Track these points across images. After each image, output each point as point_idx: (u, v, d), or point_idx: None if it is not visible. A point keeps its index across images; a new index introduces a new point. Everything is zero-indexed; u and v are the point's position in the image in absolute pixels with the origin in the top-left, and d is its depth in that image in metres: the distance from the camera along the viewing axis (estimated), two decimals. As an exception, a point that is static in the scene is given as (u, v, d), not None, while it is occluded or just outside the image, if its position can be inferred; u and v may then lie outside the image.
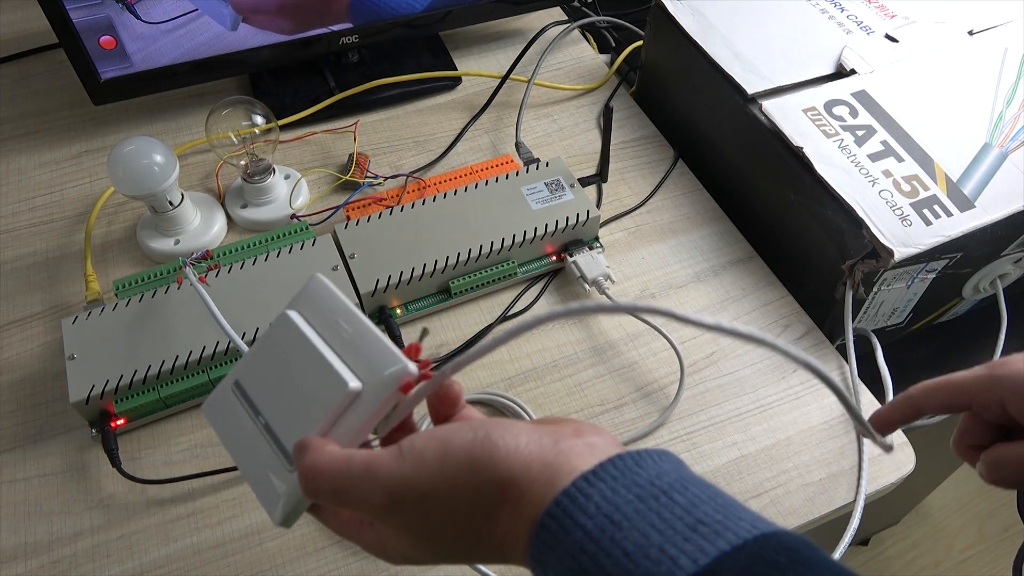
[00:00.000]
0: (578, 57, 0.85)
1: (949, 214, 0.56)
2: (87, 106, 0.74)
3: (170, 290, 0.58)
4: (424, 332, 0.38)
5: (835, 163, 0.60)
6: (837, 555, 0.51)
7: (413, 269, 0.60)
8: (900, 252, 0.54)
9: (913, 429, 0.61)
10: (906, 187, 0.58)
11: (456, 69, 0.82)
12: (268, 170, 0.67)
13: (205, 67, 0.72)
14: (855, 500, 0.53)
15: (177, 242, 0.65)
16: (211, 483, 0.54)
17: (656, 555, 0.25)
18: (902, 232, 0.55)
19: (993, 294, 0.65)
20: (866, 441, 0.55)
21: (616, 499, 0.26)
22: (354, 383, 0.32)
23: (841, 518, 0.53)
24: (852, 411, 0.35)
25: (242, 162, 0.66)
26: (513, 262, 0.63)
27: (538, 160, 0.68)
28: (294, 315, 0.36)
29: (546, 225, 0.63)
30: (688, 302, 0.64)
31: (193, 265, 0.56)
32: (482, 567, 0.48)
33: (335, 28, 0.73)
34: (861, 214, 0.56)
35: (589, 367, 0.60)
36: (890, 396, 0.59)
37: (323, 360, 0.33)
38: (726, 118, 0.68)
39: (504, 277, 0.63)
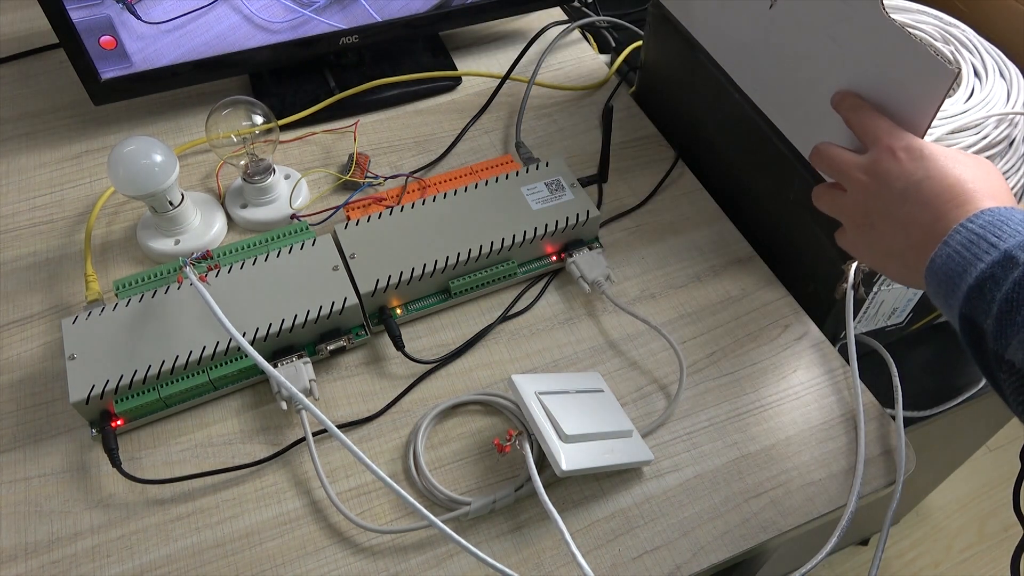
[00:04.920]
0: (578, 57, 0.85)
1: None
2: (87, 106, 0.75)
3: (170, 290, 0.58)
4: None
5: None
6: (832, 555, 0.51)
7: (413, 269, 0.60)
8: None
9: (913, 429, 0.61)
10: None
11: (456, 69, 0.82)
12: (268, 170, 0.67)
13: (205, 67, 0.72)
14: (852, 500, 0.53)
15: (177, 242, 0.65)
16: (211, 483, 0.54)
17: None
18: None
19: (993, 294, 0.65)
20: (864, 442, 0.55)
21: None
22: None
23: (840, 518, 0.53)
24: None
25: (242, 162, 0.66)
26: (513, 262, 0.63)
27: (538, 160, 0.68)
28: None
29: (546, 225, 0.63)
30: (688, 302, 0.64)
31: (193, 265, 0.56)
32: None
33: (335, 28, 0.73)
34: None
35: (589, 367, 0.60)
36: (898, 396, 0.59)
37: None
38: (726, 118, 0.68)
39: (504, 277, 0.63)
